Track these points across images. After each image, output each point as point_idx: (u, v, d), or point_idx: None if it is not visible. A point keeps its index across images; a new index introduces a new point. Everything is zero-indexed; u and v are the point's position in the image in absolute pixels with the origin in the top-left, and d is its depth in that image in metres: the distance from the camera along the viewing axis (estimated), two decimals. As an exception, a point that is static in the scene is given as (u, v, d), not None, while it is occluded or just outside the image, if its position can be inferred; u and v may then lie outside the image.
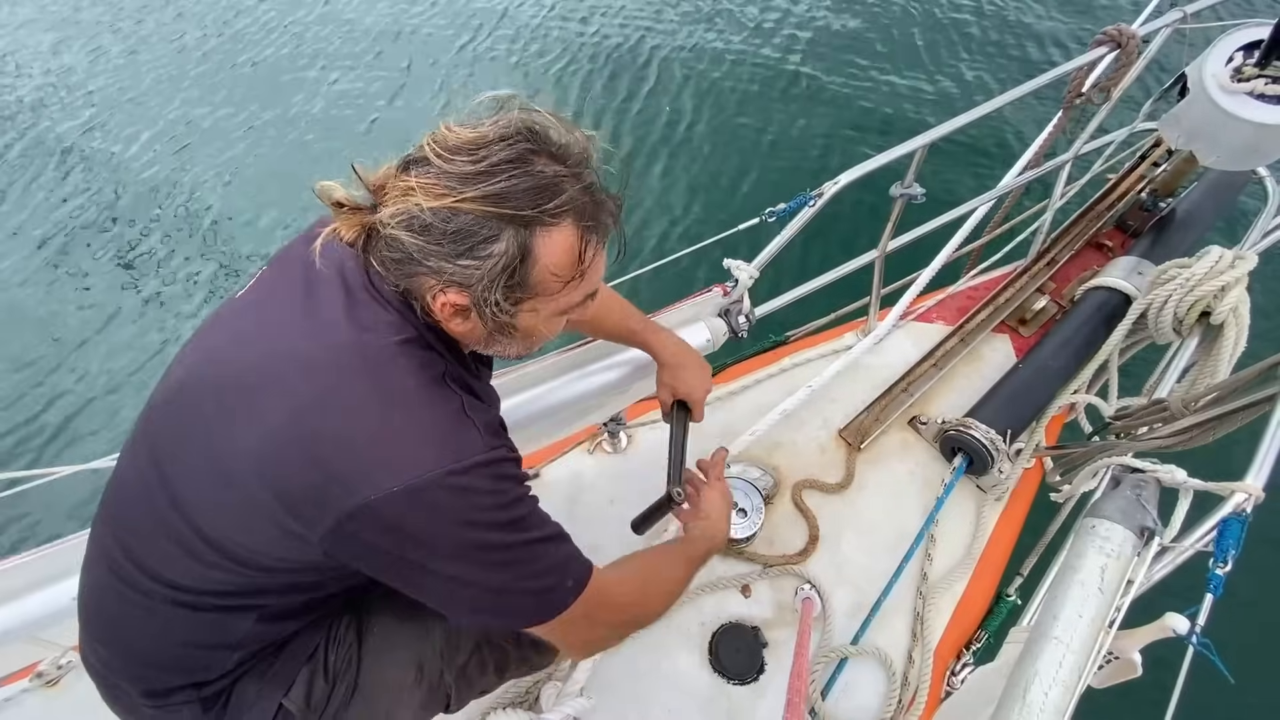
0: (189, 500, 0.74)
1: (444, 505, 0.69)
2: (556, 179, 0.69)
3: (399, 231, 0.68)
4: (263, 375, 0.71)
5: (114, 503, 0.82)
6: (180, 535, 0.74)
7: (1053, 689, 0.90)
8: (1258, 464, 1.08)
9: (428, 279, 0.71)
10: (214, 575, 0.76)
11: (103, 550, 0.82)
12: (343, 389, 0.69)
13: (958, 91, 4.26)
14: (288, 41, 5.54)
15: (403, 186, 0.68)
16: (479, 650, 0.99)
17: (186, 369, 0.78)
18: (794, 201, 1.56)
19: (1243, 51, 1.59)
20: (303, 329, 0.73)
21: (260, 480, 0.69)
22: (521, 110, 0.70)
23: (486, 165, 0.66)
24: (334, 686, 0.87)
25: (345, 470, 0.67)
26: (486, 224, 0.67)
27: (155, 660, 0.82)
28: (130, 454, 0.81)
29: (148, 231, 4.29)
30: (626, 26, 5.09)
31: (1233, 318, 1.47)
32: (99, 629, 0.84)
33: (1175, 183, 2.01)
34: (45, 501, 3.07)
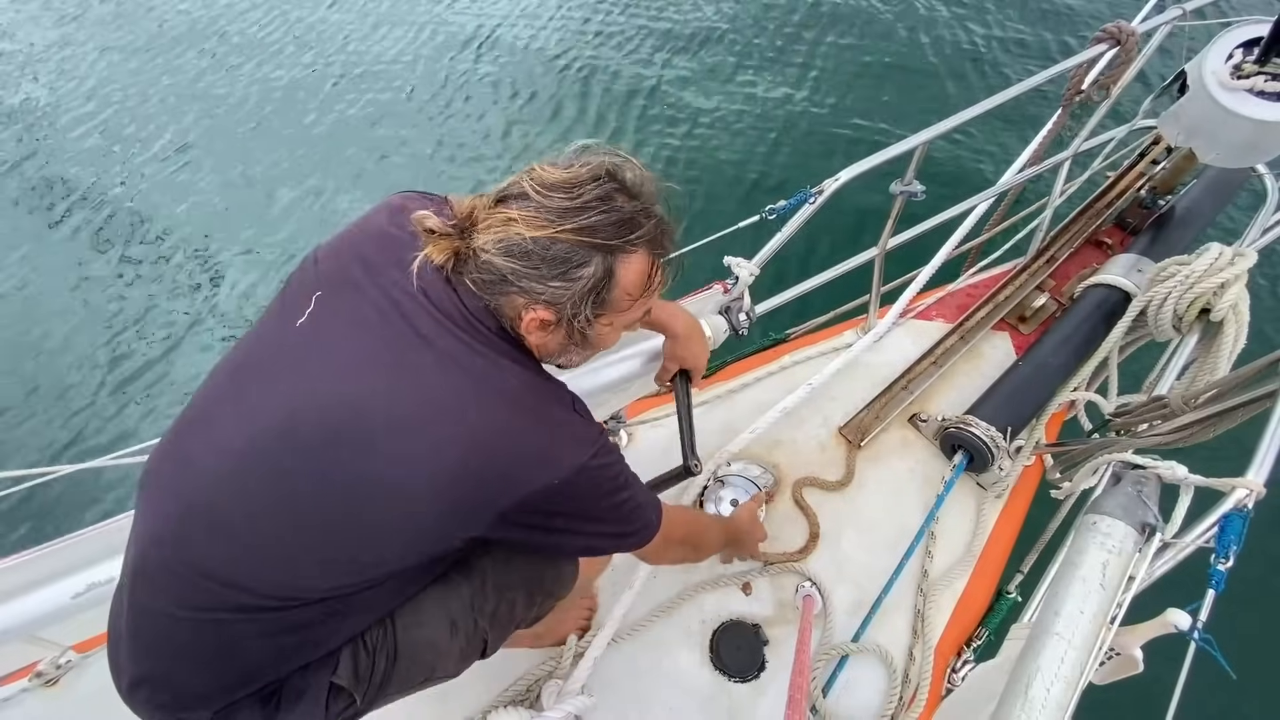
0: (337, 526, 0.79)
1: (587, 485, 0.85)
2: (634, 214, 0.81)
3: (496, 257, 0.79)
4: (425, 420, 0.78)
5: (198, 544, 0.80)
6: (318, 556, 0.80)
7: (1055, 685, 0.90)
8: (1259, 460, 1.08)
9: (517, 298, 0.81)
10: (337, 585, 0.82)
11: (176, 584, 0.79)
12: (496, 413, 0.80)
13: (957, 90, 4.26)
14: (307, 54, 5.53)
15: (503, 217, 0.79)
16: (503, 595, 1.02)
17: (291, 415, 0.78)
18: (794, 199, 1.56)
19: (1242, 48, 1.59)
20: (435, 365, 0.80)
21: (430, 502, 0.79)
22: (604, 154, 0.83)
23: (580, 202, 0.79)
24: (374, 657, 0.90)
25: (513, 476, 0.80)
26: (579, 252, 0.79)
27: (237, 676, 0.82)
28: (227, 487, 0.79)
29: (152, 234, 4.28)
30: (624, 28, 5.09)
31: (1232, 314, 1.47)
32: (166, 662, 0.82)
33: (1175, 180, 2.01)
34: (44, 501, 3.07)
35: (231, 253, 4.10)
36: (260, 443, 0.78)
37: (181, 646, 0.81)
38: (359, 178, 4.40)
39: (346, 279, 0.85)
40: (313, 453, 0.77)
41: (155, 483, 0.84)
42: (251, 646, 0.81)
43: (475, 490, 0.79)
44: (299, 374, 0.80)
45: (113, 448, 3.15)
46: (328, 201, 4.30)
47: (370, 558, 0.82)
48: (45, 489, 1.39)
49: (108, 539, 1.23)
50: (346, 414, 0.78)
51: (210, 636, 0.80)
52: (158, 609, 0.80)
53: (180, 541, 0.79)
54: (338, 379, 0.79)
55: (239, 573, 0.79)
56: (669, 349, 1.38)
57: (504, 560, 1.03)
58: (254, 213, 4.28)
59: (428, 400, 0.78)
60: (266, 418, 0.79)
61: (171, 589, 0.79)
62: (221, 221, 4.27)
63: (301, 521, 0.78)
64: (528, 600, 1.06)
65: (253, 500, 0.78)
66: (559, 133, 4.44)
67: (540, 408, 0.84)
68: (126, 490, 3.10)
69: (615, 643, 1.41)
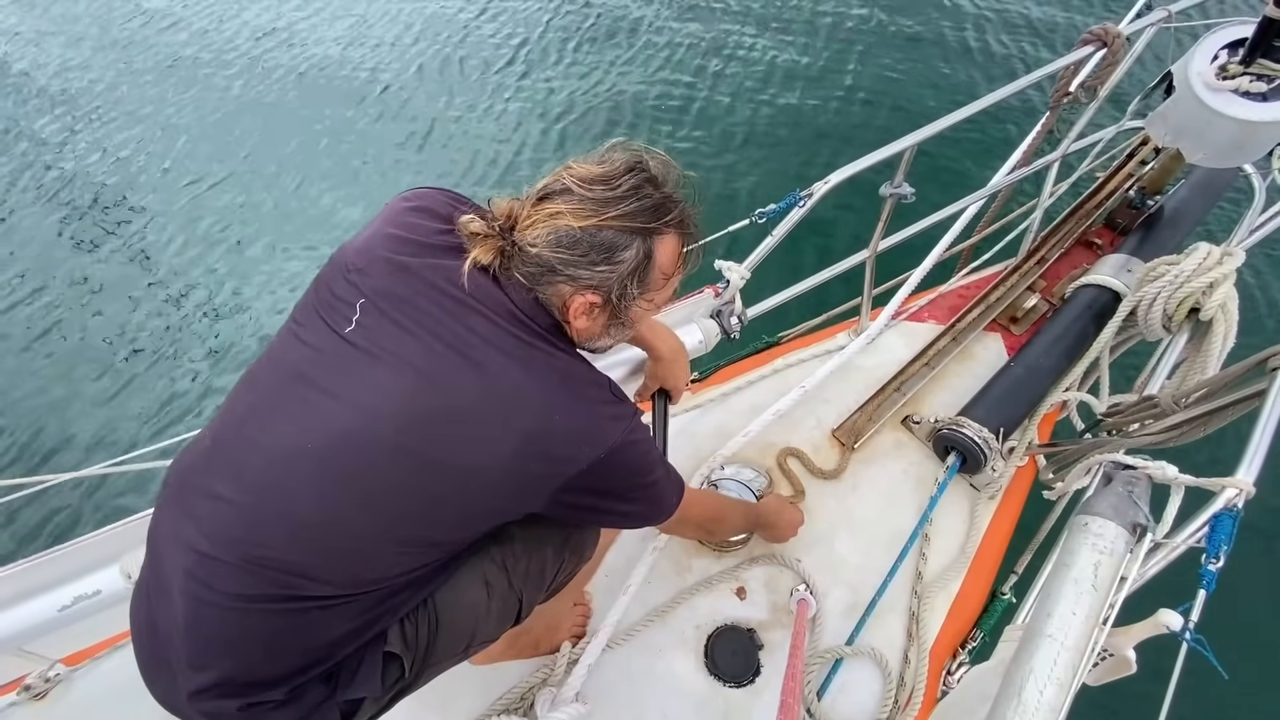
0: (402, 521, 0.85)
1: (624, 461, 0.92)
2: (664, 199, 0.90)
3: (546, 250, 0.86)
4: (484, 414, 0.84)
5: (260, 536, 0.82)
6: (384, 549, 0.86)
7: (1048, 687, 0.90)
8: (1248, 459, 1.08)
9: (564, 286, 0.88)
10: (403, 569, 0.88)
11: (240, 576, 0.81)
12: (554, 404, 0.86)
13: (946, 91, 4.28)
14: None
15: (548, 212, 0.86)
16: (533, 554, 1.07)
17: (367, 416, 0.82)
18: (784, 202, 1.56)
19: (1227, 50, 1.60)
20: (502, 367, 0.85)
21: (494, 488, 0.86)
22: (631, 148, 0.92)
23: (619, 192, 0.87)
24: (417, 625, 0.95)
25: (566, 454, 0.87)
26: (622, 237, 0.87)
27: (311, 656, 0.85)
28: (294, 487, 0.82)
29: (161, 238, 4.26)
30: (615, 32, 5.10)
31: (1221, 314, 1.48)
32: (241, 652, 0.83)
33: (1163, 180, 2.02)
34: (32, 511, 3.04)
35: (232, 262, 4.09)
36: (324, 449, 0.82)
37: (251, 637, 0.83)
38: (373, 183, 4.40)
39: (388, 286, 0.88)
40: (383, 458, 0.82)
41: (199, 484, 0.86)
42: (324, 631, 0.85)
43: (537, 468, 0.86)
44: (354, 382, 0.84)
45: (101, 458, 3.13)
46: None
47: (442, 541, 0.90)
48: (31, 501, 1.37)
49: (96, 551, 1.22)
50: (410, 416, 0.82)
51: (279, 624, 0.83)
52: (224, 604, 0.81)
53: (245, 539, 0.82)
54: (397, 383, 0.83)
55: (312, 568, 0.82)
56: (651, 369, 1.42)
57: (531, 522, 1.03)
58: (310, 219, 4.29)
59: (490, 391, 0.84)
60: (331, 425, 0.82)
61: (237, 584, 0.81)
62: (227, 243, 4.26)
63: (378, 515, 0.83)
64: (556, 558, 1.11)
65: (322, 502, 0.82)
66: (545, 127, 4.48)
67: (586, 390, 0.91)
68: (118, 500, 3.07)
69: (610, 649, 1.40)
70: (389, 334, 0.85)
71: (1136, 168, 2.14)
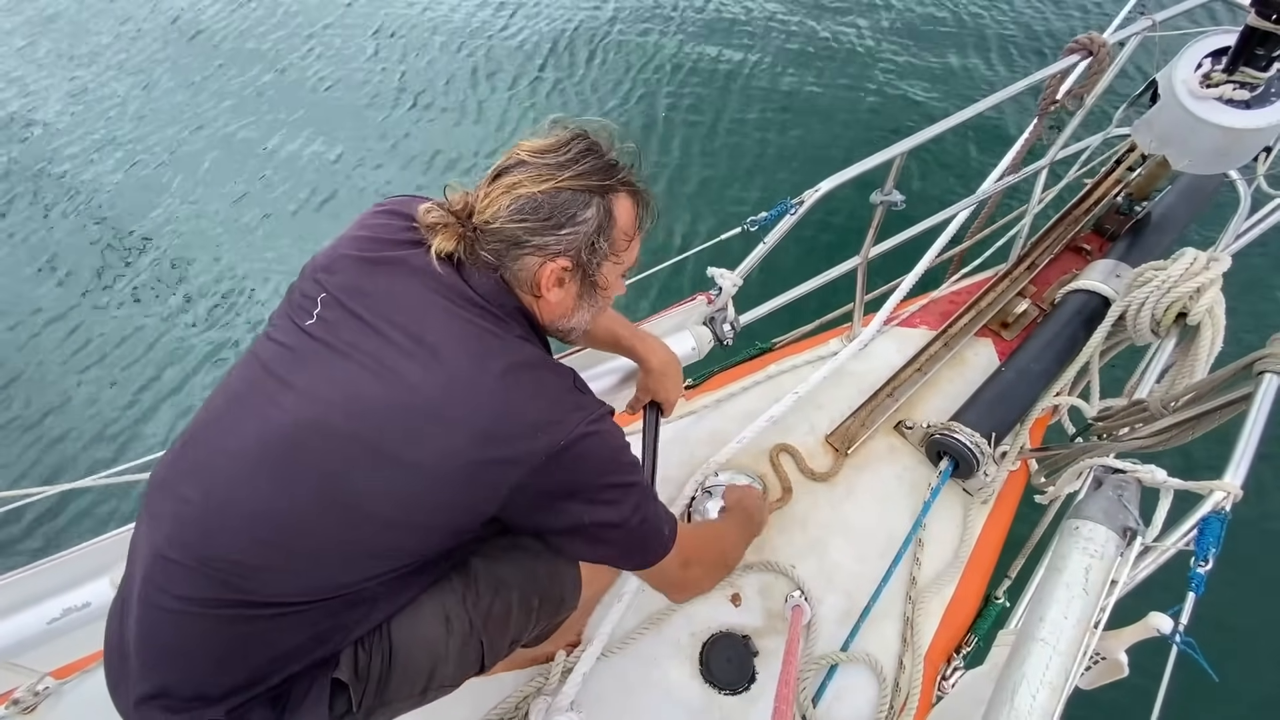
0: (353, 522, 0.82)
1: (589, 450, 0.87)
2: (611, 161, 0.93)
3: (508, 222, 0.87)
4: (434, 403, 0.82)
5: (215, 537, 0.81)
6: (334, 551, 0.83)
7: (1040, 691, 0.90)
8: (1235, 462, 1.09)
9: (532, 258, 0.89)
10: (354, 579, 0.85)
11: (192, 580, 0.80)
12: (507, 394, 0.84)
13: (936, 98, 4.32)
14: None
15: (507, 184, 0.88)
16: (498, 592, 1.01)
17: (318, 407, 0.82)
18: (775, 210, 1.57)
19: (1211, 58, 1.62)
20: (456, 356, 0.84)
21: (444, 483, 0.82)
22: (570, 122, 0.94)
23: (572, 155, 0.89)
24: (371, 655, 0.91)
25: (521, 444, 0.83)
26: (581, 196, 0.89)
27: (256, 672, 0.83)
28: (246, 485, 0.81)
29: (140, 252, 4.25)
30: (604, 38, 5.13)
31: (1208, 318, 1.49)
32: (183, 662, 0.82)
33: (1149, 186, 2.04)
34: (19, 523, 3.02)
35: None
36: (279, 441, 0.81)
37: (198, 644, 0.81)
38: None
39: (351, 280, 0.89)
40: (334, 448, 0.80)
41: (167, 487, 0.86)
42: (272, 642, 0.83)
43: (491, 460, 0.82)
44: (311, 374, 0.83)
45: (93, 470, 3.11)
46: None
47: (395, 546, 0.86)
48: (20, 512, 1.36)
49: (84, 563, 1.22)
50: (362, 407, 0.81)
51: (231, 633, 0.81)
52: (177, 609, 0.80)
53: (200, 539, 0.80)
54: (351, 374, 0.82)
55: (263, 570, 0.80)
56: (642, 380, 1.42)
57: (495, 555, 1.03)
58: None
59: (443, 381, 0.82)
60: (285, 417, 0.82)
61: (190, 587, 0.80)
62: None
63: (329, 511, 0.81)
64: (524, 603, 1.04)
65: (275, 498, 0.80)
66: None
67: (544, 378, 0.89)
68: (107, 512, 3.05)
69: (604, 657, 1.40)
70: (349, 326, 0.86)
71: (1124, 174, 2.16)
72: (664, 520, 1.00)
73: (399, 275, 0.89)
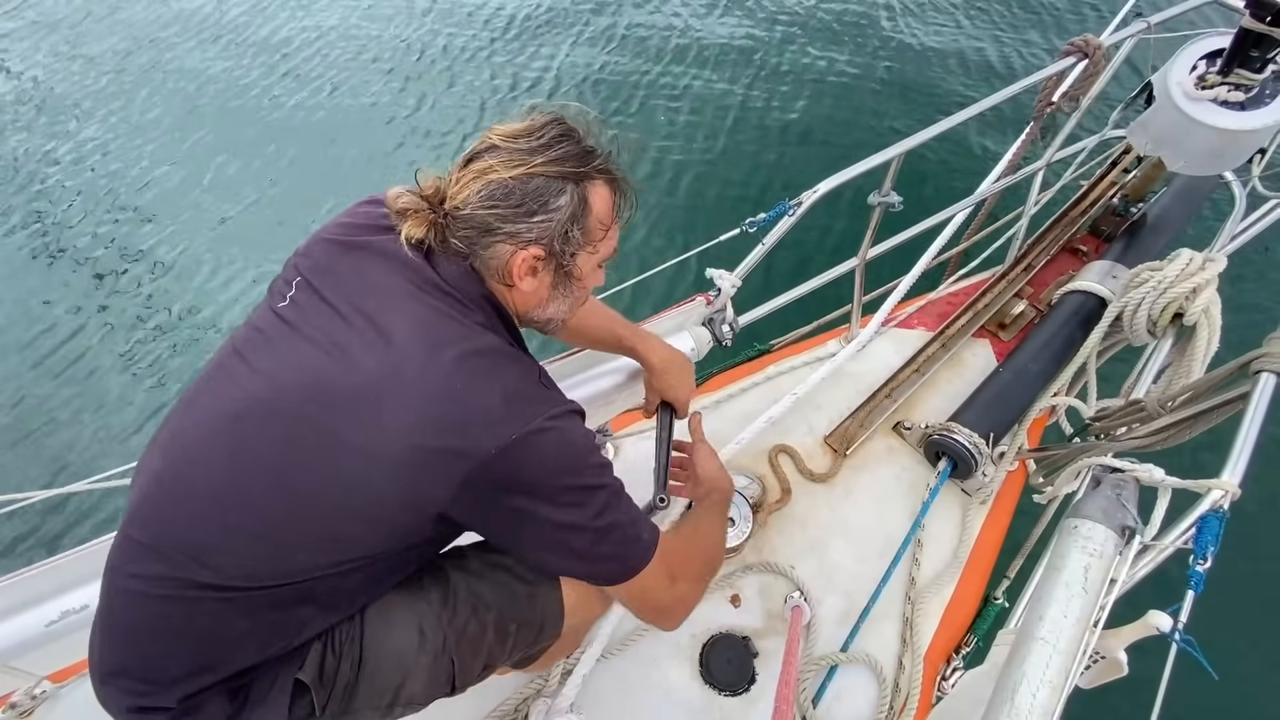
0: (297, 503, 0.79)
1: (548, 446, 0.81)
2: (588, 148, 0.89)
3: (479, 208, 0.84)
4: (383, 384, 0.79)
5: (174, 513, 0.81)
6: (280, 535, 0.80)
7: (1040, 690, 0.90)
8: (1233, 461, 1.09)
9: (504, 246, 0.86)
10: (303, 567, 0.81)
11: (152, 563, 0.80)
12: (459, 378, 0.80)
13: (933, 100, 4.33)
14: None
15: (478, 169, 0.85)
16: (475, 611, 0.98)
17: (274, 385, 0.81)
18: (773, 211, 1.58)
19: (1205, 60, 1.63)
20: (410, 339, 0.81)
21: (389, 469, 0.78)
22: (546, 107, 0.91)
23: (545, 140, 0.86)
24: (340, 660, 0.89)
25: (472, 435, 0.78)
26: (554, 183, 0.85)
27: (205, 661, 0.82)
28: (200, 463, 0.82)
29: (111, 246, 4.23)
30: (599, 40, 5.14)
31: (1204, 319, 1.50)
32: (138, 646, 0.82)
33: (1145, 188, 2.06)
34: (15, 526, 3.00)
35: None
36: (232, 420, 0.81)
37: (152, 625, 0.81)
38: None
39: (323, 263, 0.90)
40: (282, 428, 0.79)
41: (139, 467, 0.86)
42: (220, 628, 0.81)
43: (437, 453, 0.78)
44: (273, 355, 0.84)
45: (87, 473, 3.09)
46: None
47: (341, 535, 0.81)
48: (16, 515, 1.36)
49: (81, 565, 1.21)
50: (315, 389, 0.80)
51: (180, 614, 0.80)
52: (133, 588, 0.81)
53: (157, 519, 0.81)
54: (309, 356, 0.82)
55: (210, 550, 0.79)
56: (648, 380, 1.42)
57: (477, 571, 1.02)
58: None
59: (392, 367, 0.80)
60: (242, 397, 0.82)
61: (144, 565, 0.80)
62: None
63: (272, 498, 0.79)
64: (500, 626, 1.00)
65: (225, 477, 0.80)
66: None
67: (504, 370, 0.84)
68: (104, 516, 3.04)
69: (604, 659, 1.39)
70: (315, 309, 0.85)
71: (1119, 176, 2.17)
72: (642, 527, 0.91)
73: (368, 259, 0.88)
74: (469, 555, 1.05)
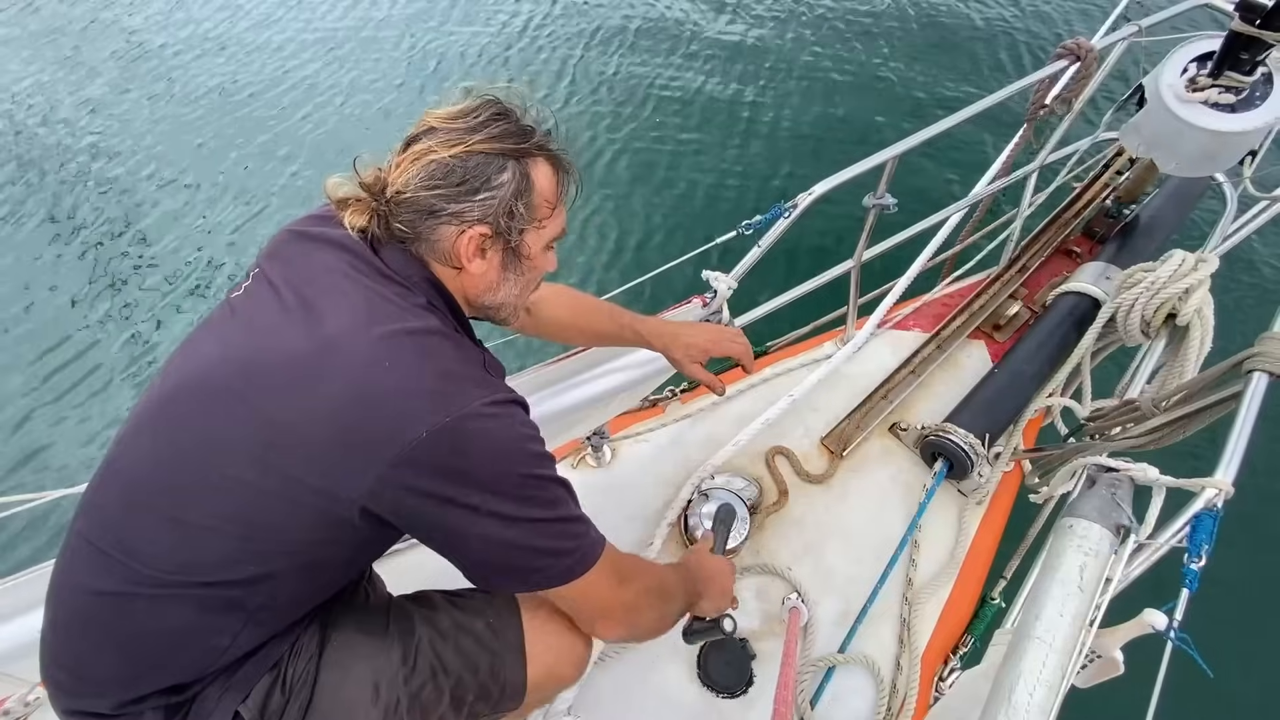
0: (216, 485, 0.77)
1: (486, 433, 0.78)
2: (525, 126, 0.88)
3: (421, 190, 0.82)
4: (307, 361, 0.77)
5: (106, 501, 0.82)
6: (199, 520, 0.78)
7: (1037, 689, 0.90)
8: (1226, 460, 1.10)
9: (449, 227, 0.85)
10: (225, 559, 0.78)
11: (87, 555, 0.81)
12: (388, 356, 0.77)
13: (928, 104, 4.36)
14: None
15: (417, 152, 0.83)
16: (434, 676, 0.96)
17: (204, 365, 0.81)
18: (769, 213, 1.59)
19: (1196, 62, 1.65)
20: (340, 317, 0.80)
21: (309, 450, 0.75)
22: (482, 89, 0.90)
23: (482, 119, 0.85)
24: (289, 699, 0.86)
25: (397, 418, 0.74)
26: (494, 160, 0.84)
27: (134, 664, 0.80)
28: (129, 448, 0.83)
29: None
30: (592, 43, 5.16)
31: (1198, 319, 1.51)
32: (72, 642, 0.82)
33: (1138, 190, 2.07)
34: (6, 533, 2.98)
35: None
36: (161, 405, 0.82)
37: (85, 621, 0.81)
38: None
39: (278, 252, 0.90)
40: (206, 406, 0.79)
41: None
42: (148, 627, 0.79)
43: (359, 433, 0.74)
44: (210, 340, 0.84)
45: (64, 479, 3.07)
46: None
47: (258, 522, 0.78)
48: (7, 521, 1.35)
49: (77, 570, 1.20)
50: (240, 366, 0.79)
51: (110, 611, 0.79)
52: (70, 583, 0.81)
53: (91, 510, 0.82)
54: (240, 337, 0.82)
55: (134, 538, 0.78)
56: (671, 357, 1.42)
57: (445, 632, 0.99)
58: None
59: (323, 344, 0.78)
60: (174, 383, 0.83)
61: (82, 561, 0.80)
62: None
63: (194, 477, 0.78)
64: (457, 696, 0.97)
65: (151, 459, 0.80)
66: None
67: (439, 350, 0.81)
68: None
69: (601, 662, 1.39)
70: (261, 295, 0.85)
71: (1112, 178, 2.19)
72: (588, 525, 0.89)
73: (317, 248, 0.88)
74: (440, 609, 1.02)
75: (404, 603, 1.04)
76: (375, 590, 1.09)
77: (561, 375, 1.59)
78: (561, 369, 1.58)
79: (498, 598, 1.05)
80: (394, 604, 1.04)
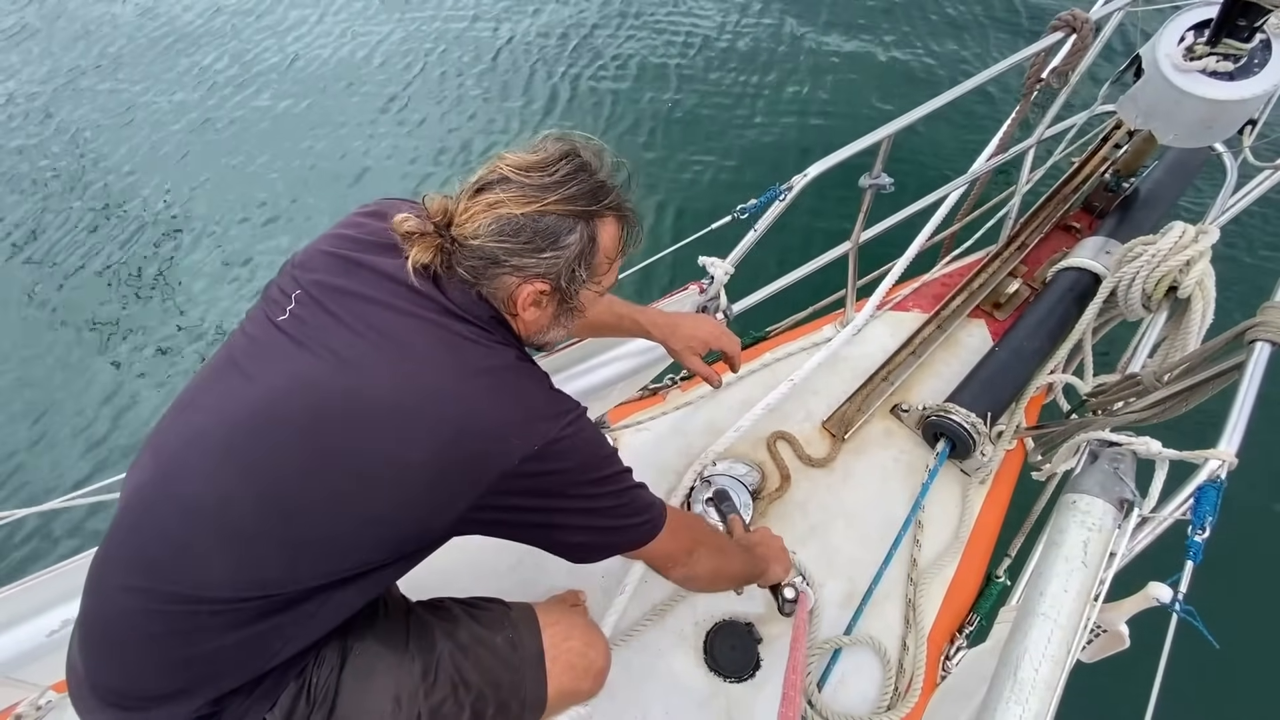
0: (296, 511, 0.79)
1: (570, 451, 0.86)
2: (600, 183, 0.88)
3: (489, 240, 0.84)
4: (400, 397, 0.80)
5: (151, 523, 0.82)
6: (268, 543, 0.79)
7: (1043, 665, 0.90)
8: (1229, 431, 1.09)
9: (509, 277, 0.86)
10: (286, 577, 0.81)
11: (131, 573, 0.81)
12: (480, 394, 0.83)
13: (922, 79, 4.32)
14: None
15: (488, 201, 0.84)
16: (455, 690, 0.98)
17: (279, 392, 0.81)
18: (764, 197, 1.57)
19: (1193, 31, 1.62)
20: (424, 354, 0.83)
21: (404, 486, 0.80)
22: (562, 137, 0.90)
23: (558, 177, 0.85)
24: (313, 709, 0.88)
25: (493, 448, 0.81)
26: (565, 221, 0.85)
27: (181, 680, 0.82)
28: (175, 472, 0.82)
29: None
30: (589, 36, 5.11)
31: (1199, 291, 1.49)
32: (109, 656, 0.82)
33: (1136, 162, 2.05)
34: (13, 540, 3.00)
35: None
36: (221, 429, 0.81)
37: (123, 634, 0.81)
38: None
39: (326, 279, 0.88)
40: (277, 437, 0.79)
41: (126, 479, 0.87)
42: (198, 643, 0.80)
43: (458, 464, 0.80)
44: (271, 365, 0.83)
45: (78, 486, 3.09)
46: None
47: (340, 548, 0.82)
48: (12, 528, 1.35)
49: (80, 574, 1.20)
50: (330, 398, 0.80)
51: (160, 628, 0.79)
52: (115, 599, 0.81)
53: (140, 529, 0.81)
54: (310, 367, 0.81)
55: (190, 560, 0.79)
56: (668, 348, 1.45)
57: (465, 645, 1.01)
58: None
59: (410, 380, 0.81)
60: (246, 402, 0.81)
61: (127, 578, 0.80)
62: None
63: (272, 504, 0.79)
64: (476, 711, 0.99)
65: (226, 480, 0.79)
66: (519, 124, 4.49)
67: (518, 382, 0.88)
68: (98, 525, 3.03)
69: (611, 649, 1.39)
70: (320, 322, 0.84)
71: (1111, 151, 2.16)
72: (651, 495, 1.00)
73: (375, 279, 0.87)
74: (460, 622, 1.04)
75: (423, 613, 1.05)
76: (391, 596, 1.09)
77: (560, 366, 1.58)
78: (560, 359, 1.57)
79: (515, 610, 1.09)
80: (413, 614, 1.05)
